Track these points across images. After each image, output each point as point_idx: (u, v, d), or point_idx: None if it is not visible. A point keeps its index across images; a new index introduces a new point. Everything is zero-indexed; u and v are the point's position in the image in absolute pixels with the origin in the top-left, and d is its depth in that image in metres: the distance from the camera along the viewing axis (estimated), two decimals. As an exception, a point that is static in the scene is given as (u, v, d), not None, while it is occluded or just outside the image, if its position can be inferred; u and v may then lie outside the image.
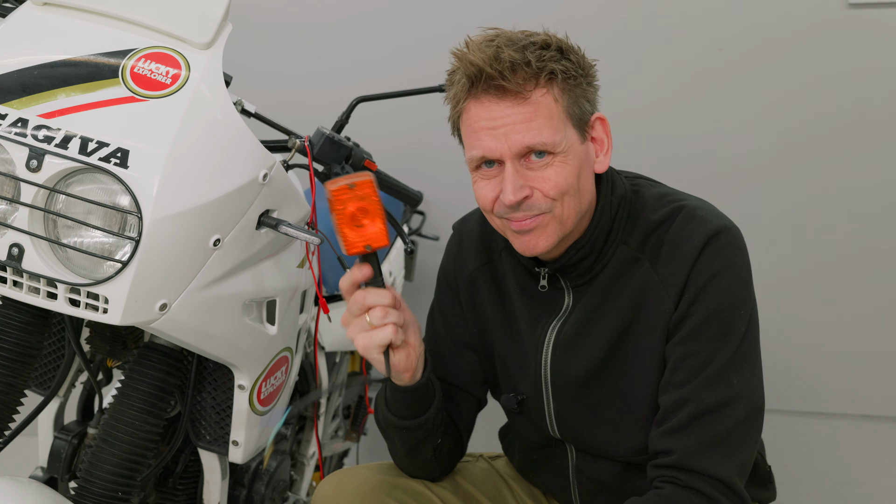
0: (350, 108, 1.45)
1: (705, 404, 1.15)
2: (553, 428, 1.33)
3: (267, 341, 1.34)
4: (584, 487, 1.37)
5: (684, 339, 1.18)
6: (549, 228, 1.20)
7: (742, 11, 2.21)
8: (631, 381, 1.24)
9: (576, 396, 1.28)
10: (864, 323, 2.30)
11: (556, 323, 1.29)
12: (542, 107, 1.15)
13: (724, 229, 1.20)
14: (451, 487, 1.40)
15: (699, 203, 1.25)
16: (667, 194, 1.27)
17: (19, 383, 1.23)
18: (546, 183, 1.17)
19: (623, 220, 1.25)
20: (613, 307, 1.24)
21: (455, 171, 2.42)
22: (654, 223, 1.24)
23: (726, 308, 1.18)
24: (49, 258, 1.10)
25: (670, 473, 1.16)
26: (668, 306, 1.20)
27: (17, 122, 1.10)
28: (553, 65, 1.15)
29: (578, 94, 1.18)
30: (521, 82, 1.14)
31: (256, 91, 1.76)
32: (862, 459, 2.38)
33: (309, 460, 1.81)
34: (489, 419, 1.52)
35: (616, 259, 1.25)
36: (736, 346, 1.17)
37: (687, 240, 1.20)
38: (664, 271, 1.21)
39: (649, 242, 1.23)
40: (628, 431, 1.26)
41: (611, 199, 1.25)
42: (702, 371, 1.16)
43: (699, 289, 1.18)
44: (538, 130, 1.15)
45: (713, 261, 1.18)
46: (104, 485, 1.23)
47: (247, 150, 1.18)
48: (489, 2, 2.28)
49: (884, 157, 2.22)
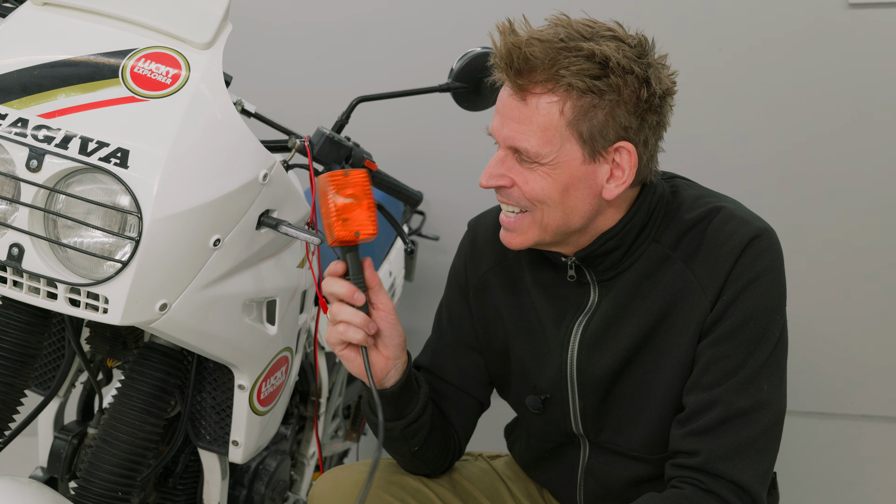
0: (350, 108, 1.45)
1: (735, 408, 1.14)
2: (577, 424, 1.32)
3: (267, 341, 1.34)
4: (589, 489, 1.36)
5: (718, 341, 1.17)
6: (529, 233, 1.20)
7: (742, 11, 2.21)
8: (654, 378, 1.23)
9: (602, 393, 1.28)
10: (864, 323, 2.31)
11: (582, 318, 1.28)
12: (540, 114, 1.13)
13: (765, 232, 1.19)
14: (449, 485, 1.40)
15: (737, 205, 1.24)
16: (704, 195, 1.26)
17: (19, 383, 1.23)
18: (525, 185, 1.17)
19: (659, 218, 1.24)
20: (643, 305, 1.23)
21: (455, 171, 2.42)
22: (689, 222, 1.22)
23: (763, 312, 1.16)
24: (49, 258, 1.10)
25: (692, 475, 1.15)
26: (704, 306, 1.19)
27: (17, 122, 1.10)
28: (576, 80, 1.10)
29: (603, 115, 1.13)
30: (533, 83, 1.12)
31: (256, 91, 1.76)
32: (862, 459, 2.38)
33: (309, 460, 1.81)
34: (489, 419, 1.52)
35: (646, 256, 1.23)
36: (769, 351, 1.16)
37: (726, 240, 1.18)
38: (701, 271, 1.19)
39: (683, 242, 1.22)
40: (643, 427, 1.26)
41: (651, 198, 1.23)
42: (733, 374, 1.15)
43: (738, 291, 1.17)
44: (525, 136, 1.14)
45: (753, 263, 1.17)
46: (104, 485, 1.23)
47: (247, 150, 1.18)
48: (489, 2, 2.28)
49: (884, 157, 2.22)
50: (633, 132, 1.15)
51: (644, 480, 1.30)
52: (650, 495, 1.18)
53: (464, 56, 1.45)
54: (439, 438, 1.34)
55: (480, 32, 2.18)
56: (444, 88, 1.45)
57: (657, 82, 1.15)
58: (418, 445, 1.30)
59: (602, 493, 1.35)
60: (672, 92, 1.19)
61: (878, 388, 2.34)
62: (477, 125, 2.27)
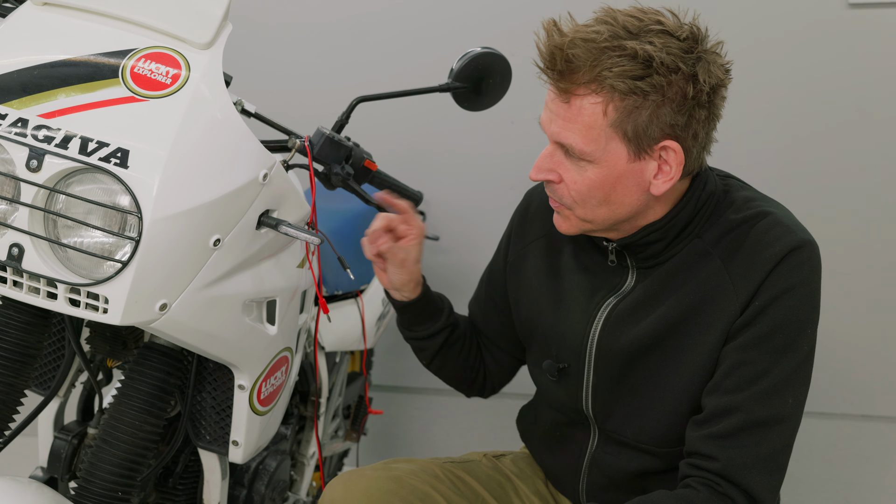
0: (350, 108, 1.45)
1: (756, 417, 1.14)
2: (587, 402, 1.32)
3: (267, 341, 1.34)
4: (592, 478, 1.37)
5: (744, 346, 1.17)
6: (571, 220, 1.23)
7: (742, 11, 2.21)
8: (673, 372, 1.23)
9: (616, 374, 1.28)
10: (864, 323, 2.31)
11: (613, 299, 1.29)
12: (584, 114, 1.13)
13: (807, 244, 1.18)
14: (457, 488, 1.40)
15: (786, 213, 1.23)
16: (755, 198, 1.25)
17: (19, 383, 1.23)
18: (572, 183, 1.18)
19: (706, 215, 1.24)
20: (674, 295, 1.23)
21: (455, 171, 2.43)
22: (733, 223, 1.22)
23: (793, 324, 1.16)
24: (49, 258, 1.10)
25: (710, 477, 1.15)
26: (734, 308, 1.18)
27: (17, 122, 1.10)
28: (618, 82, 1.10)
29: (646, 115, 1.12)
30: (577, 84, 1.12)
31: (256, 91, 1.76)
32: (862, 459, 2.38)
33: (309, 460, 1.81)
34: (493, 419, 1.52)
35: (687, 250, 1.23)
36: (795, 364, 1.16)
37: (768, 246, 1.18)
38: (737, 272, 1.19)
39: (725, 240, 1.21)
40: (655, 420, 1.26)
41: (700, 194, 1.23)
42: (756, 382, 1.15)
43: (771, 298, 1.16)
44: (572, 134, 1.15)
45: (791, 273, 1.16)
46: (104, 485, 1.23)
47: (247, 150, 1.18)
48: (489, 2, 2.28)
49: (884, 156, 2.22)
50: (680, 129, 1.14)
51: (649, 473, 1.30)
52: (662, 492, 1.18)
53: (464, 56, 1.45)
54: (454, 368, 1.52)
55: (480, 32, 2.19)
56: (444, 88, 1.45)
57: (706, 76, 1.13)
58: (427, 361, 1.52)
59: (605, 483, 1.35)
60: (725, 84, 1.17)
61: (878, 388, 2.34)
62: (477, 125, 2.28)
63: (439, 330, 1.47)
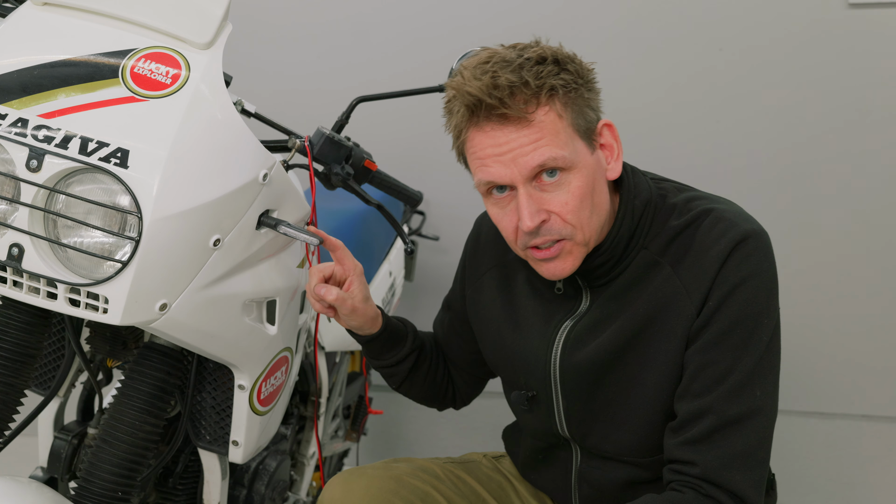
0: (350, 108, 1.45)
1: (728, 416, 1.14)
2: (562, 426, 1.33)
3: (267, 341, 1.34)
4: (584, 493, 1.36)
5: (705, 348, 1.17)
6: (574, 253, 1.19)
7: (742, 11, 2.21)
8: (640, 383, 1.23)
9: (585, 393, 1.28)
10: (864, 323, 2.31)
11: (570, 321, 1.29)
12: (546, 126, 1.13)
13: (752, 234, 1.18)
14: (457, 488, 1.40)
15: (728, 206, 1.23)
16: (694, 198, 1.25)
17: (19, 383, 1.23)
18: (563, 207, 1.16)
19: (647, 224, 1.23)
20: (629, 309, 1.23)
21: (455, 171, 2.41)
22: (677, 228, 1.21)
23: (750, 318, 1.16)
24: (49, 258, 1.10)
25: (692, 480, 1.15)
26: (690, 312, 1.18)
27: (17, 122, 1.10)
28: (552, 80, 1.12)
29: (581, 104, 1.16)
30: (523, 105, 1.12)
31: (256, 91, 1.76)
32: (862, 459, 2.38)
33: (309, 460, 1.81)
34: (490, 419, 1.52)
35: (636, 264, 1.23)
36: (758, 356, 1.16)
37: (713, 245, 1.18)
38: (688, 275, 1.19)
39: (671, 247, 1.21)
40: (631, 433, 1.26)
41: (633, 205, 1.23)
42: (723, 381, 1.15)
43: (723, 296, 1.16)
44: (546, 149, 1.13)
45: (740, 267, 1.16)
46: (104, 485, 1.23)
47: (247, 150, 1.18)
48: (488, 2, 2.29)
49: (884, 157, 2.22)
50: (599, 108, 1.20)
51: (638, 482, 1.30)
52: (650, 496, 1.17)
53: (464, 56, 1.45)
54: (423, 388, 1.52)
55: (480, 32, 2.19)
56: (443, 88, 1.45)
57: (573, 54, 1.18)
58: (396, 385, 1.52)
59: (597, 496, 1.35)
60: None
61: (878, 388, 2.34)
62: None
63: (406, 355, 1.46)
